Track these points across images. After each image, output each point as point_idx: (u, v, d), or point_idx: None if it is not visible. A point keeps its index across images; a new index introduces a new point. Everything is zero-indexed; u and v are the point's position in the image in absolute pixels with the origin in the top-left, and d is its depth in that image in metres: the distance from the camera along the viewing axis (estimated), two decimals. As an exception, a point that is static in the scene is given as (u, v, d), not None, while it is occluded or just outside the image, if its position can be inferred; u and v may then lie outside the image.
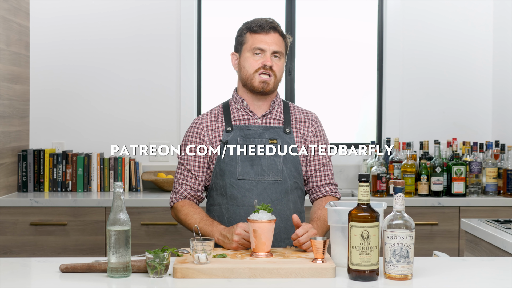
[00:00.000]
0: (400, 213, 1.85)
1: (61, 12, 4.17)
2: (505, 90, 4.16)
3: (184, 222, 2.38)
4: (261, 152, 2.37)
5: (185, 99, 4.20)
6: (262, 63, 2.37)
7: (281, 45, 2.41)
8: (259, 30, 2.39)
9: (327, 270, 1.88)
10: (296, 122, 2.47)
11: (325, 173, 2.48)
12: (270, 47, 2.38)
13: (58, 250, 3.60)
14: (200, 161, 2.43)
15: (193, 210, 2.37)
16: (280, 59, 2.41)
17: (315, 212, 2.39)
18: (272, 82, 2.40)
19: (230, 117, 2.44)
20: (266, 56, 2.38)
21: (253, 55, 2.39)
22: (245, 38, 2.42)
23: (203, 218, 2.32)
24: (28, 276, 1.97)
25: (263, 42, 2.38)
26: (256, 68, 2.38)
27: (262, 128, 2.42)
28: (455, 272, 1.98)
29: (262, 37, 2.38)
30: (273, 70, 2.38)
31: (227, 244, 2.17)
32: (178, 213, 2.41)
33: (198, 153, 2.43)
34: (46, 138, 4.17)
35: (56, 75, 4.18)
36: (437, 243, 3.67)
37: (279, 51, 2.40)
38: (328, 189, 2.48)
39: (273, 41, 2.39)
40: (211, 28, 4.35)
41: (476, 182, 3.86)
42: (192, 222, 2.33)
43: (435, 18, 4.30)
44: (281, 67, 2.42)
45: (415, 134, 4.27)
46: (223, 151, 2.39)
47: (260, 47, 2.38)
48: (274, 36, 2.39)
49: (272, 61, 2.38)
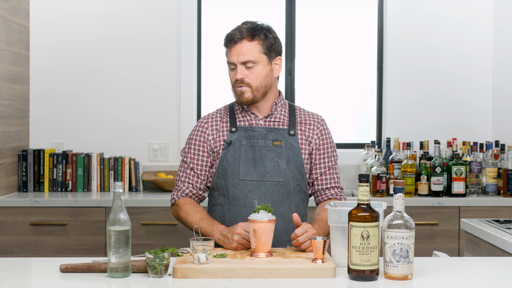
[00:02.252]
0: (400, 213, 1.85)
1: (61, 12, 4.17)
2: (505, 90, 4.16)
3: (184, 220, 2.38)
4: (265, 153, 2.38)
5: (185, 99, 4.20)
6: (235, 78, 2.38)
7: (253, 51, 2.34)
8: (231, 44, 2.37)
9: (327, 270, 1.88)
10: (301, 124, 2.46)
11: (330, 176, 2.47)
12: (238, 58, 2.35)
13: (58, 250, 3.60)
14: (203, 160, 2.43)
15: (194, 209, 2.37)
16: (254, 67, 2.35)
17: (318, 213, 2.38)
18: (249, 92, 2.37)
19: (235, 117, 2.45)
20: (237, 69, 2.36)
21: (231, 70, 2.40)
22: (226, 52, 2.43)
23: (203, 218, 2.32)
24: (28, 276, 1.97)
25: (232, 55, 2.36)
26: (233, 82, 2.40)
27: (266, 130, 2.42)
28: (455, 272, 1.98)
29: (232, 50, 2.36)
30: (244, 82, 2.36)
31: (227, 244, 2.17)
32: (179, 210, 2.40)
33: (202, 152, 2.43)
34: (46, 138, 4.17)
35: (56, 75, 4.18)
36: (437, 243, 3.67)
37: (250, 60, 2.34)
38: (333, 192, 2.47)
39: (242, 52, 2.34)
40: (211, 28, 4.35)
41: (476, 182, 3.86)
42: (192, 221, 2.33)
43: (435, 18, 4.31)
44: (258, 75, 2.36)
45: (415, 134, 4.27)
46: (227, 151, 2.39)
47: (230, 61, 2.38)
48: (244, 44, 2.34)
49: (243, 73, 2.35)
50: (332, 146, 2.50)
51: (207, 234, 2.26)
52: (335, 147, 2.52)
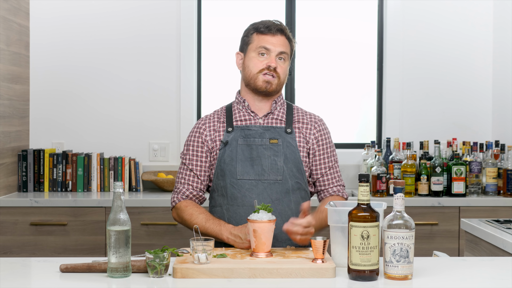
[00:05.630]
0: (400, 213, 1.85)
1: (61, 12, 4.17)
2: (505, 90, 4.15)
3: (188, 222, 2.37)
4: (262, 151, 2.38)
5: (185, 99, 4.20)
6: (266, 64, 2.38)
7: (287, 47, 2.42)
8: (266, 31, 2.40)
9: (327, 270, 1.88)
10: (299, 123, 2.47)
11: (332, 176, 2.49)
12: (276, 48, 2.39)
13: (58, 250, 3.60)
14: (202, 161, 2.43)
15: (198, 210, 2.37)
16: (285, 61, 2.41)
17: (319, 206, 2.42)
18: (276, 83, 2.40)
19: (231, 118, 2.45)
20: (271, 57, 2.38)
21: (258, 55, 2.40)
22: (251, 38, 2.42)
23: (209, 218, 2.32)
24: (28, 276, 1.98)
25: (269, 43, 2.39)
26: (260, 69, 2.39)
27: (263, 128, 2.42)
28: (455, 272, 1.98)
29: (268, 38, 2.39)
30: (277, 72, 2.39)
31: (239, 243, 2.19)
32: (182, 213, 2.40)
33: (200, 153, 2.43)
34: (46, 138, 4.17)
35: (56, 75, 4.18)
36: (437, 243, 3.67)
37: (285, 52, 2.40)
38: (336, 190, 2.49)
39: (279, 43, 2.40)
40: (211, 28, 4.35)
41: (476, 182, 3.86)
42: (197, 222, 2.32)
43: (435, 18, 4.31)
44: (285, 70, 2.43)
45: (415, 134, 4.27)
46: (224, 152, 2.39)
47: (266, 46, 2.38)
48: (281, 38, 2.40)
49: (277, 63, 2.39)
50: (332, 145, 2.51)
51: (215, 234, 2.26)
52: (334, 146, 2.53)
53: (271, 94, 2.44)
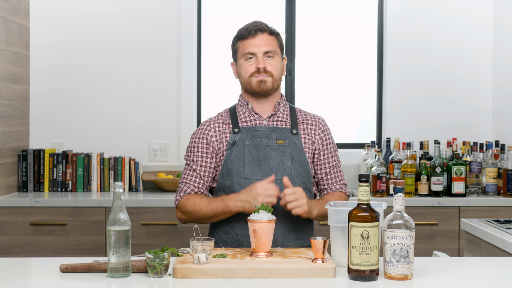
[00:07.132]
0: (400, 213, 1.85)
1: (61, 12, 4.17)
2: (505, 90, 4.16)
3: (193, 211, 2.37)
4: (269, 152, 2.38)
5: (185, 99, 4.20)
6: (256, 67, 2.40)
7: (272, 43, 2.42)
8: (247, 35, 2.41)
9: (327, 270, 1.88)
10: (303, 124, 2.49)
11: (335, 175, 2.52)
12: (260, 48, 2.40)
13: (58, 250, 3.60)
14: (206, 161, 2.44)
15: (200, 197, 2.39)
16: (274, 57, 2.42)
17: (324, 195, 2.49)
18: (270, 81, 2.41)
19: (237, 119, 2.46)
20: (258, 58, 2.40)
21: (246, 61, 2.42)
22: (237, 46, 2.45)
23: (211, 200, 2.35)
24: (28, 276, 1.98)
25: (252, 46, 2.40)
26: (251, 72, 2.41)
27: (269, 129, 2.43)
28: (455, 272, 1.98)
29: (250, 41, 2.41)
30: (267, 70, 2.40)
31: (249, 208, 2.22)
32: (185, 207, 2.39)
33: (206, 153, 2.44)
34: (46, 138, 4.17)
35: (56, 75, 4.18)
36: (437, 243, 3.67)
37: (271, 50, 2.41)
38: (338, 187, 2.52)
39: (262, 42, 2.40)
40: (211, 28, 4.35)
41: (476, 182, 3.86)
42: (202, 207, 2.34)
43: (435, 18, 4.31)
44: (277, 65, 2.43)
45: (415, 134, 4.27)
46: (231, 152, 2.39)
47: (250, 51, 2.40)
48: (263, 37, 2.41)
49: (265, 62, 2.40)
50: (334, 145, 2.55)
51: (222, 210, 2.29)
52: (336, 146, 2.56)
53: (270, 93, 2.44)
